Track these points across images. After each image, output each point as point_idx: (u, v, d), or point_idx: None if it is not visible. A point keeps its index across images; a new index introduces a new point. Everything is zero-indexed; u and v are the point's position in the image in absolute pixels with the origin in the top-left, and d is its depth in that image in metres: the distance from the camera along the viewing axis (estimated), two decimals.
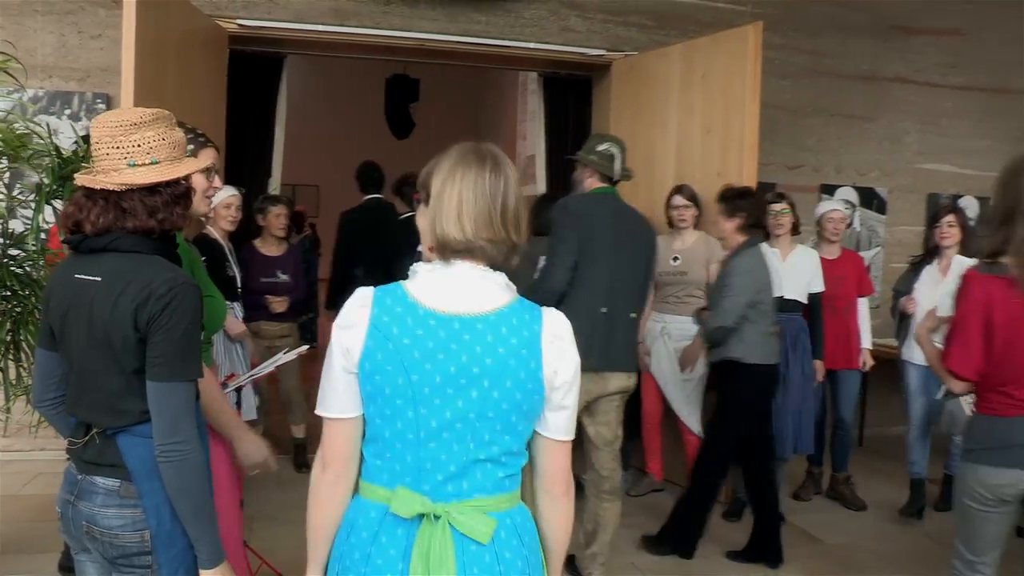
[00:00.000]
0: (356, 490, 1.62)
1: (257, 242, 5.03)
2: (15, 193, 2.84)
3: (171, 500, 1.77)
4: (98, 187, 1.79)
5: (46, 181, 2.59)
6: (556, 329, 1.55)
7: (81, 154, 2.63)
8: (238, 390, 3.47)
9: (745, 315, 3.80)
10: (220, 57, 5.08)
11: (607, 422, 3.56)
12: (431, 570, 1.46)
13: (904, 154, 6.66)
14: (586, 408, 3.49)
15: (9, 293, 2.75)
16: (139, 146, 1.79)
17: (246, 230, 4.92)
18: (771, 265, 3.99)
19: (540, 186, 6.17)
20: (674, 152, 5.12)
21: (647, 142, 5.32)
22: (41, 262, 2.86)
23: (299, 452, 5.29)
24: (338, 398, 1.55)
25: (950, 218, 4.47)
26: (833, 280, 4.66)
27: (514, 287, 1.60)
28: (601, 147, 3.76)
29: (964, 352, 2.39)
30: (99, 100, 5.17)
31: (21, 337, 2.76)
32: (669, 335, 4.63)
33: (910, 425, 4.69)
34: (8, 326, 2.75)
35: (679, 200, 4.61)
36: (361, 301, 1.54)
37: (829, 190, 6.44)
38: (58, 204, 2.64)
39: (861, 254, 5.79)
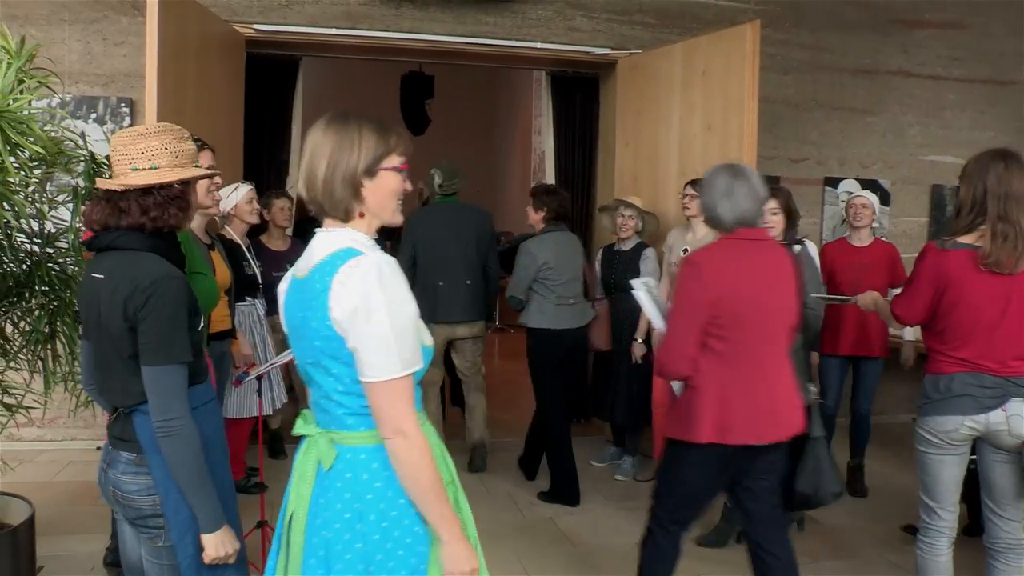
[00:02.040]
0: None
1: (263, 238, 5.17)
2: (49, 196, 3.02)
3: (170, 470, 2.00)
4: (104, 187, 2.07)
5: (82, 184, 2.78)
6: (342, 276, 1.63)
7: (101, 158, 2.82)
8: (259, 379, 3.65)
9: (533, 288, 4.70)
10: (237, 60, 5.27)
11: (464, 357, 5.22)
12: (300, 480, 1.78)
13: (907, 146, 6.77)
14: (451, 346, 5.16)
15: (47, 288, 2.96)
16: (142, 153, 2.05)
17: (263, 227, 5.09)
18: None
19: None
20: (676, 148, 5.26)
21: (651, 138, 5.47)
22: (72, 259, 3.06)
23: None
24: None
25: (772, 204, 4.52)
26: (856, 267, 4.74)
27: (363, 242, 1.72)
28: (431, 172, 5.21)
29: (909, 303, 2.94)
30: (123, 104, 5.37)
31: (58, 328, 2.97)
32: None
33: None
34: (46, 319, 2.96)
35: (688, 190, 4.71)
36: None
37: (833, 183, 6.57)
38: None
39: None
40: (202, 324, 2.21)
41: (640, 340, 4.91)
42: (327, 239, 1.73)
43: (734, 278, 2.59)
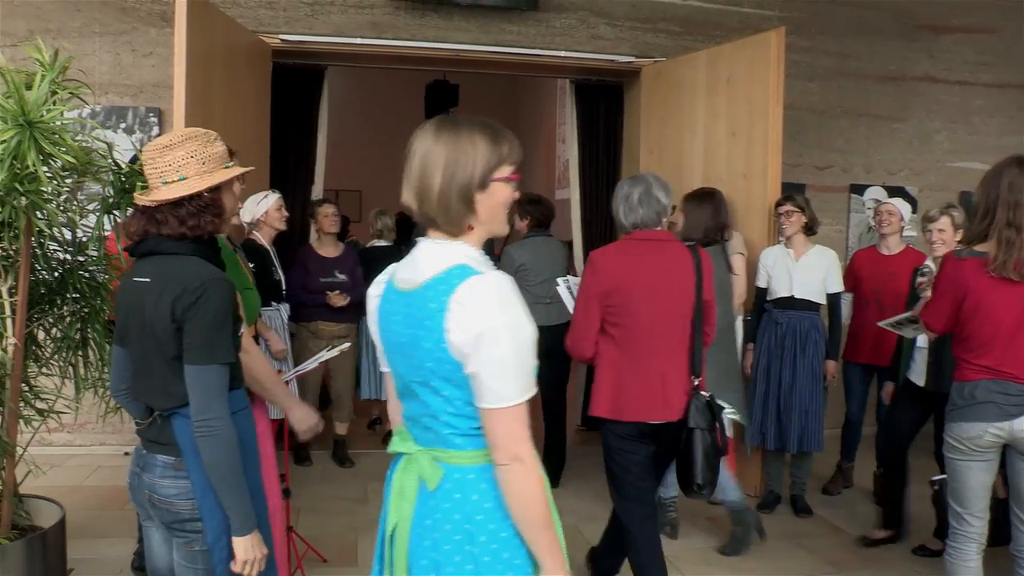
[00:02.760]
0: None
1: (315, 244, 5.30)
2: (78, 205, 3.07)
3: (206, 471, 2.01)
4: (139, 203, 2.12)
5: (110, 192, 2.82)
6: (461, 297, 1.54)
7: (137, 168, 2.86)
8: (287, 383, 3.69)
9: None
10: (264, 70, 5.33)
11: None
12: (400, 496, 1.72)
13: (934, 153, 6.71)
14: None
15: (78, 295, 3.00)
16: (170, 165, 2.09)
17: (290, 234, 5.15)
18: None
19: (574, 190, 6.33)
20: (701, 155, 5.25)
21: (675, 146, 5.47)
22: (102, 266, 3.11)
23: (339, 448, 5.52)
24: None
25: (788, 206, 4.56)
26: (882, 275, 4.69)
27: (477, 258, 1.63)
28: None
29: (934, 311, 2.99)
30: (151, 114, 5.45)
31: (89, 335, 3.01)
32: None
33: None
34: (77, 326, 3.01)
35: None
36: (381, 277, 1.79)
37: (859, 190, 6.53)
38: (117, 214, 2.88)
39: None
40: (242, 330, 2.23)
41: None
42: (436, 252, 1.63)
43: (625, 272, 2.98)
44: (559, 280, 4.14)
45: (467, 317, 1.52)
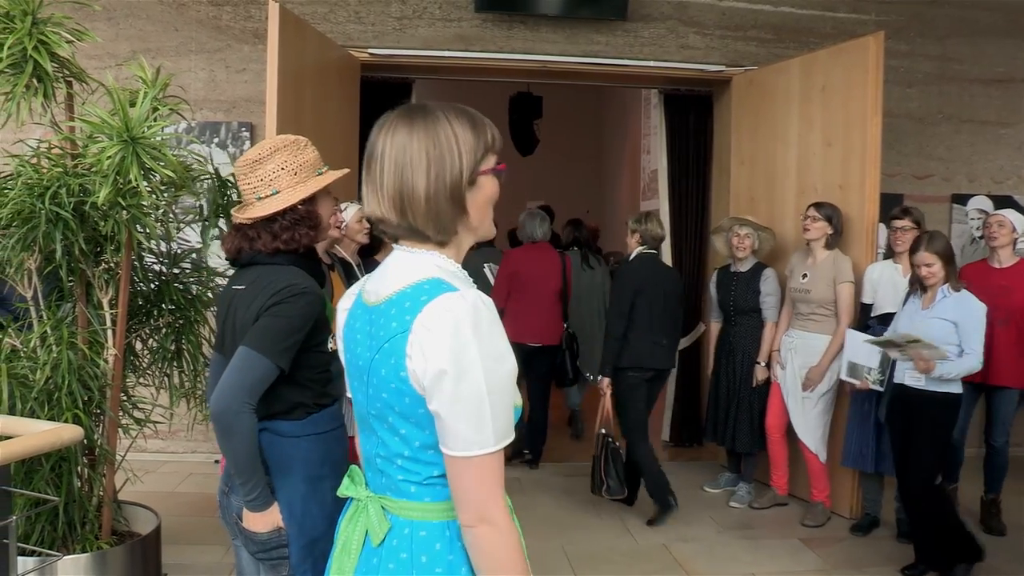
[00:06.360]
0: None
1: (379, 256, 5.27)
2: (175, 217, 3.15)
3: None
4: (236, 222, 2.12)
5: (206, 203, 2.88)
6: (429, 318, 1.27)
7: (233, 182, 2.91)
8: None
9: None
10: (353, 84, 5.39)
11: None
12: (343, 551, 1.47)
13: None
14: None
15: (173, 307, 3.07)
16: (261, 180, 2.08)
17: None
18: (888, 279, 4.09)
19: (663, 201, 6.23)
20: (795, 166, 5.10)
21: (768, 156, 5.32)
22: (195, 279, 3.17)
23: None
24: None
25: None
26: (994, 288, 4.41)
27: (453, 271, 1.39)
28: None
29: None
30: (243, 128, 5.57)
31: (184, 346, 3.07)
32: (795, 350, 4.66)
33: None
34: (172, 337, 3.07)
35: (811, 212, 4.60)
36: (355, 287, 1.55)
37: (961, 200, 6.24)
38: (223, 224, 2.94)
39: None
40: (333, 346, 2.17)
41: (763, 363, 4.78)
42: (406, 262, 1.38)
43: (521, 263, 5.56)
44: (485, 265, 5.81)
45: (433, 343, 1.25)
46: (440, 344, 1.25)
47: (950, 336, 3.71)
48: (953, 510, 3.94)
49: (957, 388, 3.79)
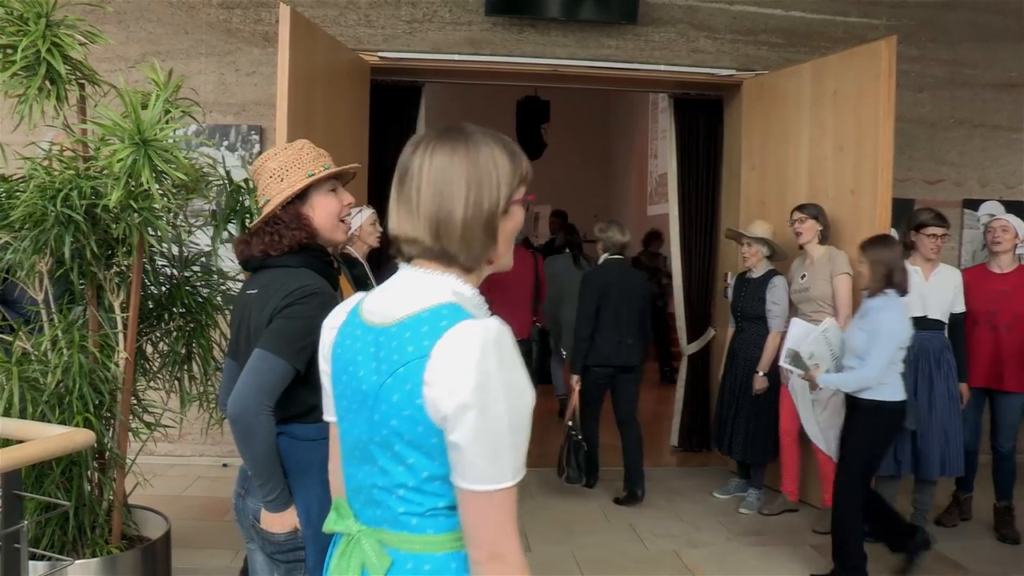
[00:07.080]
0: None
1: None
2: (186, 220, 3.14)
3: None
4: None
5: (220, 206, 2.88)
6: (451, 346, 1.22)
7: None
8: None
9: None
10: (363, 87, 5.39)
11: None
12: None
13: None
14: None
15: (184, 310, 3.06)
16: (262, 193, 2.15)
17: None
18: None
19: (673, 205, 6.21)
20: (806, 170, 5.08)
21: (779, 161, 5.30)
22: (205, 281, 3.17)
23: None
24: None
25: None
26: (994, 294, 4.46)
27: (471, 298, 1.35)
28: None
29: None
30: (253, 132, 5.57)
31: (194, 350, 3.07)
32: None
33: None
34: (183, 340, 3.06)
35: (796, 215, 4.67)
36: (346, 304, 1.48)
37: (973, 205, 6.20)
38: (233, 227, 2.93)
39: None
40: None
41: (762, 373, 4.76)
42: (421, 283, 1.33)
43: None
44: None
45: (455, 372, 1.20)
46: (464, 376, 1.20)
47: (864, 347, 3.62)
48: (882, 515, 3.89)
49: (890, 395, 3.60)
